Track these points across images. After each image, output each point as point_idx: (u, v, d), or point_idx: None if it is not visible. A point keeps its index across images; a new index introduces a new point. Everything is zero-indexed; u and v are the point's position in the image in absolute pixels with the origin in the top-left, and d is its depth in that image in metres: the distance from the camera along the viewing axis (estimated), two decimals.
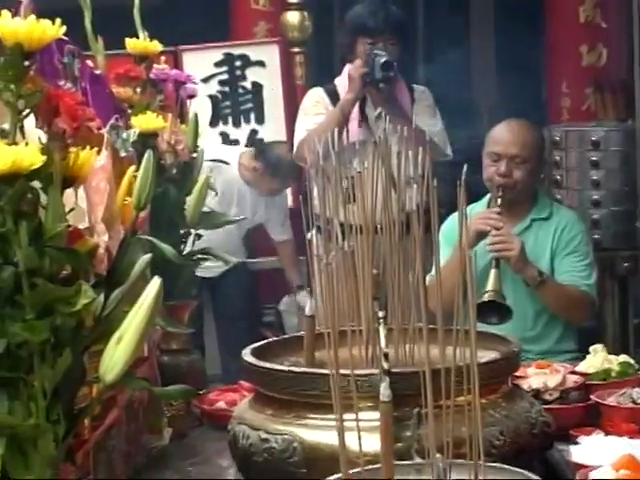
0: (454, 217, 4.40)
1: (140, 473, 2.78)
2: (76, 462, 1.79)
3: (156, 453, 2.94)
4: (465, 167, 1.95)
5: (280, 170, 6.55)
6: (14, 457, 1.68)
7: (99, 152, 1.76)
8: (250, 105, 7.91)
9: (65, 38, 2.13)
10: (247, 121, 7.88)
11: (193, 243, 3.25)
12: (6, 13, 1.68)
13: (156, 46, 3.19)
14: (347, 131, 4.50)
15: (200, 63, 6.96)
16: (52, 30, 1.67)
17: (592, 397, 3.11)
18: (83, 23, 2.83)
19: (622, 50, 7.01)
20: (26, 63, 1.69)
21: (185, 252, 3.23)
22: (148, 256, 1.79)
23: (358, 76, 5.17)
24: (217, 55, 7.73)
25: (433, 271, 2.15)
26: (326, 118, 5.33)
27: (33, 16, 1.73)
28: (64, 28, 1.82)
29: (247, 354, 2.53)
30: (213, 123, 6.91)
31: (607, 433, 2.92)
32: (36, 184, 1.65)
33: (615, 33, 7.82)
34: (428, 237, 2.15)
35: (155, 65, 3.24)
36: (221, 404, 3.16)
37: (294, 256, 6.93)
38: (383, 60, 5.12)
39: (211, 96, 7.29)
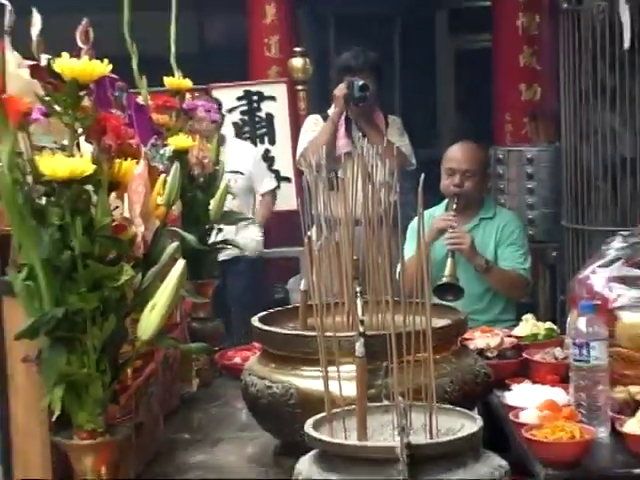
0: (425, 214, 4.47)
1: (173, 413, 2.82)
2: (120, 404, 1.81)
3: (186, 397, 2.98)
4: (422, 177, 1.98)
5: None
6: (71, 399, 1.70)
7: (137, 163, 1.79)
8: (264, 130, 8.16)
9: (116, 77, 2.17)
10: (262, 142, 8.13)
11: (216, 235, 3.29)
12: (65, 54, 1.71)
13: (187, 83, 3.22)
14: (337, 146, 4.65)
15: (226, 97, 7.08)
16: (100, 68, 1.70)
17: (523, 354, 3.14)
18: (131, 66, 2.87)
19: (552, 87, 7.10)
20: (81, 93, 1.70)
21: (210, 242, 3.26)
22: (176, 244, 1.83)
23: (341, 95, 5.36)
24: (239, 91, 8.00)
25: (405, 257, 2.20)
26: (320, 130, 5.52)
27: (86, 57, 1.75)
28: (115, 68, 1.84)
29: (256, 321, 2.55)
30: None
31: (534, 382, 2.92)
32: (88, 187, 1.68)
33: (547, 74, 7.97)
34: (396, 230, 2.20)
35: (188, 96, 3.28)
36: (236, 360, 3.18)
37: (269, 204, 6.98)
38: (360, 83, 5.31)
39: (234, 123, 7.44)
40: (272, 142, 8.24)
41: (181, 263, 1.73)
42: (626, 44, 5.02)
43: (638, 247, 2.87)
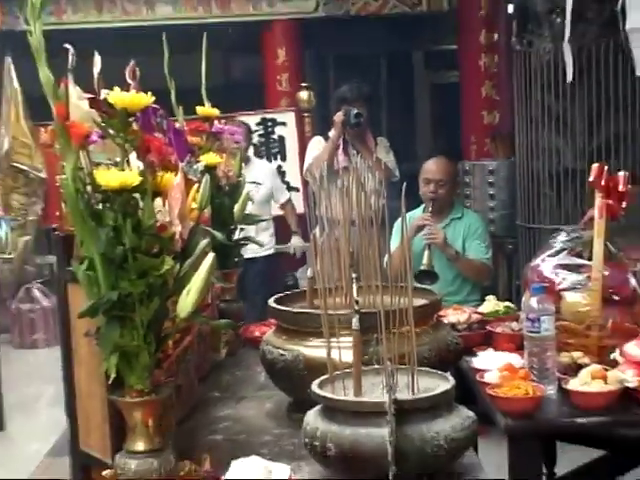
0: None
1: (206, 376, 2.81)
2: (163, 369, 1.80)
3: (216, 364, 2.97)
4: (404, 186, 1.98)
5: None
6: (124, 365, 1.69)
7: (175, 175, 1.79)
8: (277, 149, 8.30)
9: (158, 107, 2.16)
10: (275, 159, 8.28)
11: (238, 233, 3.28)
12: (117, 89, 1.71)
13: (215, 111, 3.22)
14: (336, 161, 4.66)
15: (248, 123, 7.09)
16: (145, 100, 1.69)
17: (487, 327, 3.13)
18: (170, 98, 2.87)
19: (508, 113, 7.17)
20: (130, 120, 1.70)
21: (234, 239, 3.26)
22: (207, 240, 1.81)
23: (340, 121, 5.42)
24: (257, 118, 8.14)
25: (392, 249, 2.20)
26: (323, 149, 5.59)
27: (133, 91, 1.76)
28: (157, 100, 1.84)
29: (272, 302, 2.55)
30: None
31: (495, 350, 2.93)
32: (136, 195, 1.67)
33: (504, 103, 8.08)
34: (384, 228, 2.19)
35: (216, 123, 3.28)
36: (256, 333, 3.17)
37: (293, 210, 6.97)
38: (355, 112, 5.35)
39: (253, 144, 7.46)
40: (283, 159, 8.33)
41: (211, 256, 1.73)
42: (569, 78, 5.02)
43: (579, 240, 2.87)
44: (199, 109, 3.21)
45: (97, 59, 1.79)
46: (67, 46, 1.79)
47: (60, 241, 1.87)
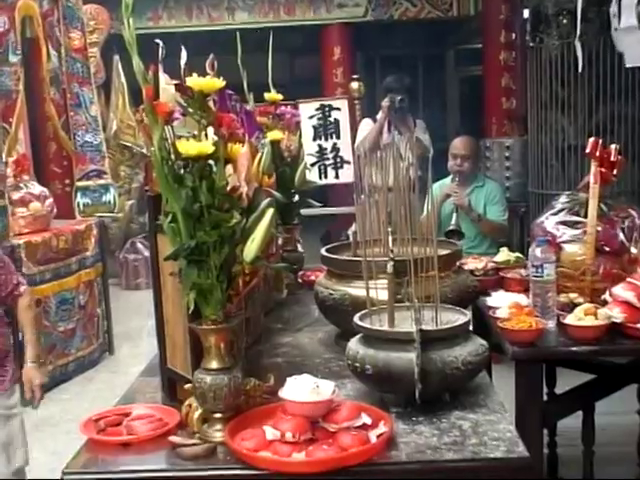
0: (435, 185, 4.49)
1: (270, 311, 2.82)
2: (233, 303, 1.79)
3: (279, 301, 2.98)
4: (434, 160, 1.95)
5: None
6: (201, 300, 1.68)
7: (243, 145, 1.77)
8: (333, 130, 8.12)
9: (232, 92, 2.14)
10: (331, 138, 8.09)
11: (296, 196, 3.26)
12: (194, 75, 1.69)
13: (279, 97, 3.22)
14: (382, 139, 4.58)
15: (308, 109, 6.98)
16: (217, 83, 1.67)
17: (500, 273, 3.09)
18: (243, 87, 2.86)
19: (522, 99, 7.04)
20: (207, 100, 1.69)
21: (294, 200, 3.25)
22: (268, 199, 1.79)
23: (386, 105, 5.25)
24: (316, 105, 7.98)
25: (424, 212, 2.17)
26: (371, 129, 5.48)
27: (209, 76, 1.74)
28: (235, 90, 1.82)
29: (324, 251, 2.54)
30: (314, 139, 6.98)
31: (506, 291, 2.89)
32: (211, 162, 1.66)
33: (519, 91, 7.91)
34: (421, 195, 2.17)
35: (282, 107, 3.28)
36: (312, 277, 3.17)
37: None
38: (399, 98, 5.20)
39: (313, 126, 7.39)
40: (338, 137, 8.24)
41: (270, 211, 1.71)
42: (580, 69, 4.97)
43: (576, 202, 2.82)
44: (266, 95, 3.20)
45: (183, 53, 1.77)
46: (157, 41, 1.78)
47: (150, 200, 1.87)
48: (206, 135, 1.68)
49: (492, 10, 8.56)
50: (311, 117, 7.95)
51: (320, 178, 5.96)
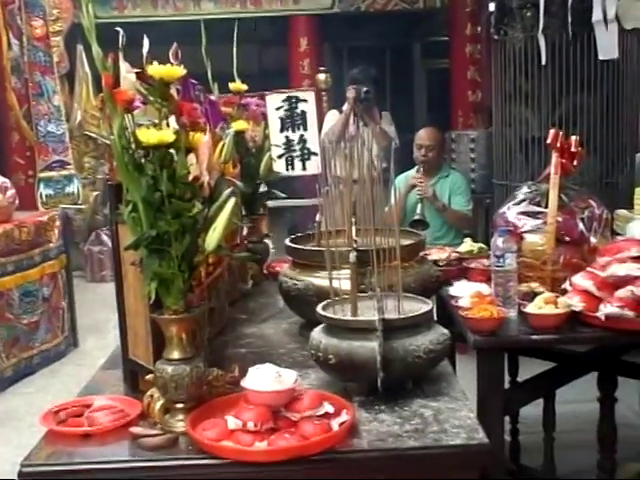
0: (400, 176, 4.51)
1: (235, 301, 2.80)
2: (195, 293, 1.78)
3: (243, 292, 2.96)
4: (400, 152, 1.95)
5: None
6: (162, 289, 1.66)
7: (204, 134, 1.76)
8: (300, 122, 8.07)
9: (197, 82, 2.12)
10: (298, 129, 8.03)
11: (262, 187, 3.26)
12: (155, 63, 1.68)
13: (243, 87, 3.22)
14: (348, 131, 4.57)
15: (275, 100, 6.95)
16: (177, 71, 1.66)
17: (463, 263, 3.10)
18: (207, 77, 2.84)
19: (487, 92, 7.09)
20: (167, 88, 1.66)
21: (260, 191, 3.24)
22: (230, 189, 1.77)
23: (352, 97, 5.21)
24: (283, 96, 7.92)
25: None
26: (337, 120, 5.40)
27: (169, 64, 1.72)
28: (198, 80, 1.81)
29: (288, 241, 2.54)
30: (281, 130, 6.95)
31: (469, 281, 2.90)
32: (171, 151, 1.65)
33: (485, 84, 7.96)
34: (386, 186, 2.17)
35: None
36: (277, 268, 3.16)
37: None
38: (365, 89, 5.16)
39: (280, 117, 7.34)
40: (305, 129, 8.23)
41: (232, 201, 1.70)
42: (543, 61, 5.02)
43: (537, 193, 2.84)
44: (231, 85, 3.19)
45: (145, 41, 1.75)
46: (117, 29, 1.76)
47: (111, 189, 1.85)
48: (167, 124, 1.67)
49: (458, 3, 8.63)
50: (278, 109, 7.90)
51: (287, 170, 5.96)
